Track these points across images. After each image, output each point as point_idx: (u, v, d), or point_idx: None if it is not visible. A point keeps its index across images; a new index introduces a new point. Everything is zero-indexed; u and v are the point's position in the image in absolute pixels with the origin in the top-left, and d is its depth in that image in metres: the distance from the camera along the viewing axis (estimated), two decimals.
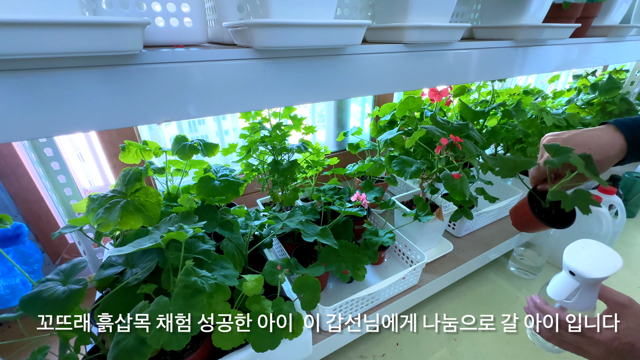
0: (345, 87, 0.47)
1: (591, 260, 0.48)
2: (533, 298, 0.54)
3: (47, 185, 0.72)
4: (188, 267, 0.46)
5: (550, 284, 0.54)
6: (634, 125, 0.54)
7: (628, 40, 0.90)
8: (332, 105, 1.23)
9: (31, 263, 0.66)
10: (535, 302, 0.53)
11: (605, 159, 0.55)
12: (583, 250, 0.50)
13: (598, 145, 0.55)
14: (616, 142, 0.54)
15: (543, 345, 0.67)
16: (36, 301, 0.42)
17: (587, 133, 0.57)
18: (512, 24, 0.62)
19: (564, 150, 0.53)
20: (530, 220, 0.60)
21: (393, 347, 0.77)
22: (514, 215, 0.65)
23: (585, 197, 0.52)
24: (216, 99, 0.38)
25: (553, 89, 1.39)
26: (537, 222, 0.58)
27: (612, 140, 0.55)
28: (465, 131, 0.75)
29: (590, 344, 0.45)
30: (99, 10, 0.41)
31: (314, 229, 0.67)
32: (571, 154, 0.52)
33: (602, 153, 0.54)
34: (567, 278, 0.50)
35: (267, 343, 0.50)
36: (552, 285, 0.53)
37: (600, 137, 0.55)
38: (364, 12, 0.60)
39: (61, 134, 0.33)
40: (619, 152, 0.55)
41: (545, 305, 0.51)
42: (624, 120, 0.56)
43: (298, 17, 0.38)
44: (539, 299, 0.53)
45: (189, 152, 0.65)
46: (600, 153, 0.54)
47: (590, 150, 0.54)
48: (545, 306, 0.51)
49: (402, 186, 1.19)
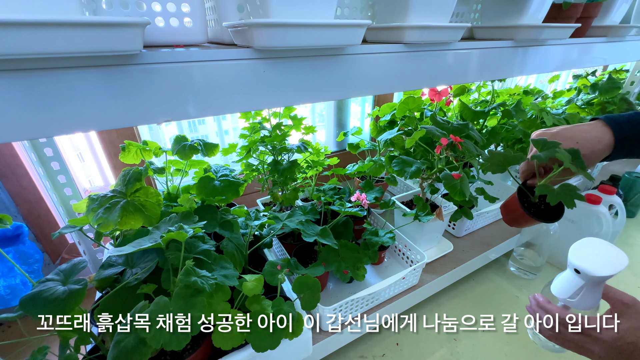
0: (345, 87, 0.47)
1: (596, 258, 0.48)
2: (536, 296, 0.53)
3: (47, 185, 0.72)
4: (188, 267, 0.46)
5: (554, 283, 0.54)
6: (622, 122, 0.54)
7: (628, 40, 0.90)
8: (332, 105, 1.23)
9: (31, 263, 0.66)
10: (537, 300, 0.52)
11: (592, 153, 0.55)
12: (588, 249, 0.50)
13: (585, 139, 0.55)
14: (604, 137, 0.54)
15: (544, 344, 0.67)
16: (36, 301, 0.42)
17: (576, 128, 0.57)
18: (512, 24, 0.62)
19: (551, 145, 0.53)
20: (519, 215, 0.60)
21: (393, 347, 0.77)
22: (504, 210, 0.65)
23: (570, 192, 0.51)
24: (216, 99, 0.38)
25: (553, 89, 1.39)
26: (527, 216, 0.58)
27: (599, 134, 0.55)
28: (465, 131, 0.75)
29: (592, 342, 0.45)
30: (99, 10, 0.41)
31: (314, 229, 0.67)
32: (558, 148, 0.52)
33: (589, 147, 0.54)
34: (571, 276, 0.50)
35: (267, 343, 0.50)
36: (556, 284, 0.53)
37: (588, 132, 0.55)
38: (364, 12, 0.60)
39: (61, 134, 0.33)
40: (605, 147, 0.54)
41: (548, 303, 0.51)
42: (614, 116, 0.56)
43: (298, 17, 0.38)
44: (541, 298, 0.52)
45: (189, 152, 0.65)
46: (587, 147, 0.54)
47: (577, 144, 0.54)
48: (548, 305, 0.50)
49: (402, 186, 1.19)
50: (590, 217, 0.91)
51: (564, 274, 0.53)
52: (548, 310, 0.49)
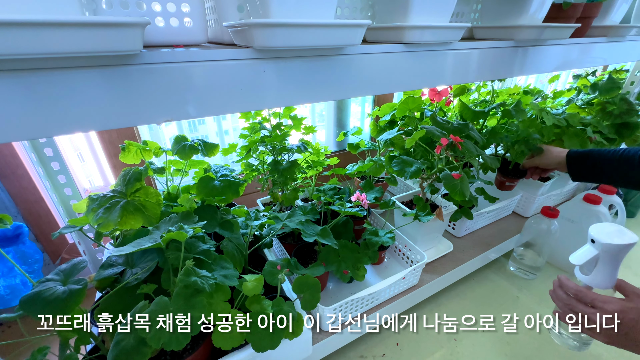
0: (345, 87, 0.47)
1: (610, 233, 0.57)
2: (559, 276, 0.60)
3: (47, 185, 0.72)
4: (188, 267, 0.46)
5: (573, 253, 0.61)
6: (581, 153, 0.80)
7: (628, 40, 0.89)
8: (332, 105, 1.23)
9: (31, 263, 0.66)
10: (559, 278, 0.60)
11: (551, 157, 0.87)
12: (605, 227, 0.60)
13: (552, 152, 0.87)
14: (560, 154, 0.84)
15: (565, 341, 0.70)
16: (36, 301, 0.42)
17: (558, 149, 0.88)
18: (512, 24, 0.62)
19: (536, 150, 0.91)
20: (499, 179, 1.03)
21: (393, 347, 0.77)
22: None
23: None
24: (216, 99, 0.38)
25: (553, 89, 1.39)
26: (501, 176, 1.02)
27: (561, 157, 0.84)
28: (465, 131, 0.75)
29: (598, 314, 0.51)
30: (98, 10, 0.41)
31: (314, 229, 0.67)
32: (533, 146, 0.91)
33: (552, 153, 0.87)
34: (588, 246, 0.60)
35: (267, 343, 0.50)
36: (574, 254, 0.61)
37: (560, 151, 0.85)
38: (364, 12, 0.60)
39: (61, 134, 0.33)
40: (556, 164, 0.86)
41: (567, 280, 0.58)
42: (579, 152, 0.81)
43: (298, 17, 0.38)
44: (563, 277, 0.59)
45: (189, 152, 0.65)
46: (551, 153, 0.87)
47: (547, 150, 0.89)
48: (567, 281, 0.58)
49: (402, 186, 1.19)
50: (591, 217, 0.91)
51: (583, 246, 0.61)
52: (565, 285, 0.57)
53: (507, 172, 1.02)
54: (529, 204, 1.12)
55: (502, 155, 1.07)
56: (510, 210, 1.14)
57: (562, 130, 0.95)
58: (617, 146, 1.11)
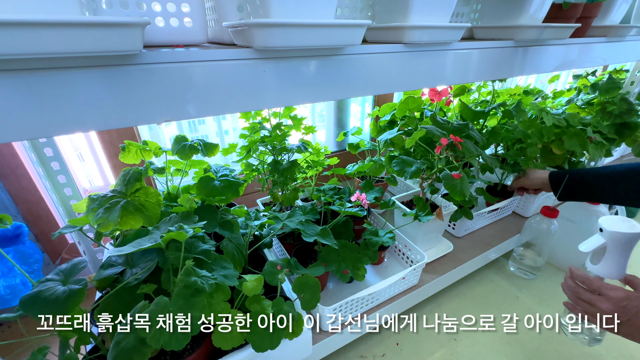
0: (345, 87, 0.47)
1: (618, 222, 0.60)
2: (570, 267, 0.62)
3: (47, 185, 0.72)
4: (188, 267, 0.46)
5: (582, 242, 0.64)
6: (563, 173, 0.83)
7: (628, 40, 0.89)
8: (332, 105, 1.23)
9: (31, 263, 0.66)
10: (570, 269, 0.62)
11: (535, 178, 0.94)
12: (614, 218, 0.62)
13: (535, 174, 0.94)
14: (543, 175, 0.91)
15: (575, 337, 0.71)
16: (36, 301, 0.42)
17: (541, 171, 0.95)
18: (512, 24, 0.62)
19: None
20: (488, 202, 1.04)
21: (393, 347, 0.77)
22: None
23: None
24: (216, 99, 0.38)
25: (553, 89, 1.39)
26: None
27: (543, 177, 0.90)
28: (465, 131, 0.75)
29: (602, 301, 0.53)
30: (98, 10, 0.41)
31: (314, 229, 0.67)
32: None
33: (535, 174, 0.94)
34: (596, 235, 0.62)
35: (267, 343, 0.50)
36: (584, 242, 0.63)
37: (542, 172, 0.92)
38: (364, 12, 0.60)
39: (61, 134, 0.33)
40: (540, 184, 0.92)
41: (577, 270, 0.60)
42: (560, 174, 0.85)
43: (298, 17, 0.38)
44: (574, 267, 0.61)
45: (189, 152, 0.65)
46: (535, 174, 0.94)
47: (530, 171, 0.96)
48: (577, 271, 0.60)
49: (402, 186, 1.19)
50: (591, 217, 0.91)
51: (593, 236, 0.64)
52: (575, 274, 0.60)
53: (495, 194, 1.07)
54: (529, 204, 1.12)
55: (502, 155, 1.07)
56: (510, 210, 1.14)
57: (562, 130, 0.95)
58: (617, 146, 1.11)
